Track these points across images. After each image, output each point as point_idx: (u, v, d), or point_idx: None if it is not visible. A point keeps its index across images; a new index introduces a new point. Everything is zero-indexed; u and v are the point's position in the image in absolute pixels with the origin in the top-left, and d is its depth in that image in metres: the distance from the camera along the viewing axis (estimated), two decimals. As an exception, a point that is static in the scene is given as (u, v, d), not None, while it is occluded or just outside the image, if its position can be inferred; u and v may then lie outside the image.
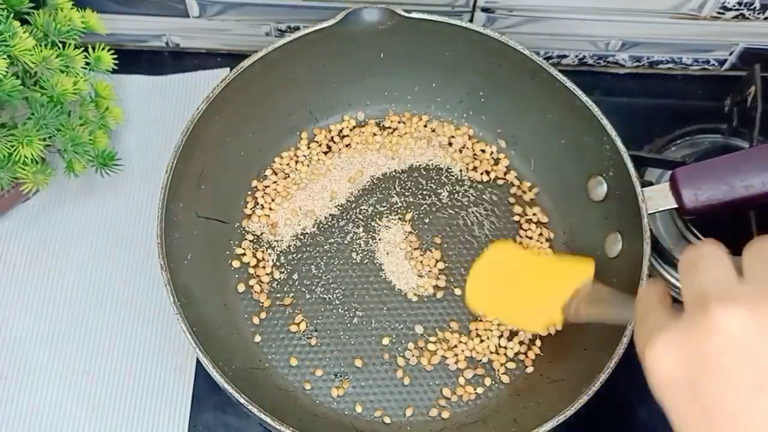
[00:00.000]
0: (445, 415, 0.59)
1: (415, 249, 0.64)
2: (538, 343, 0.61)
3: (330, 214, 0.66)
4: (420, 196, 0.66)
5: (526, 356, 0.61)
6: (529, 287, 0.54)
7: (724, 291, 0.31)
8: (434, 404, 0.59)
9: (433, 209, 0.66)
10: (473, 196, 0.67)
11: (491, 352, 0.61)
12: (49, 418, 0.59)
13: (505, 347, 0.61)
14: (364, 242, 0.65)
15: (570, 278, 0.49)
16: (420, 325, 0.62)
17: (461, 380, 0.60)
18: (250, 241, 0.64)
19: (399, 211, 0.66)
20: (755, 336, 0.28)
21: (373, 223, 0.65)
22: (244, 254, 0.63)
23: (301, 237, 0.65)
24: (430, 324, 0.62)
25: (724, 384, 0.28)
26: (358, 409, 0.59)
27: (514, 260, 0.57)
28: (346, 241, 0.64)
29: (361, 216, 0.65)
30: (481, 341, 0.61)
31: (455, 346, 0.61)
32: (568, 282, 0.49)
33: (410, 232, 0.65)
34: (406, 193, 0.66)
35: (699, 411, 0.29)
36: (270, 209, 0.65)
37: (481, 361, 0.61)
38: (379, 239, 0.65)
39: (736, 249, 0.64)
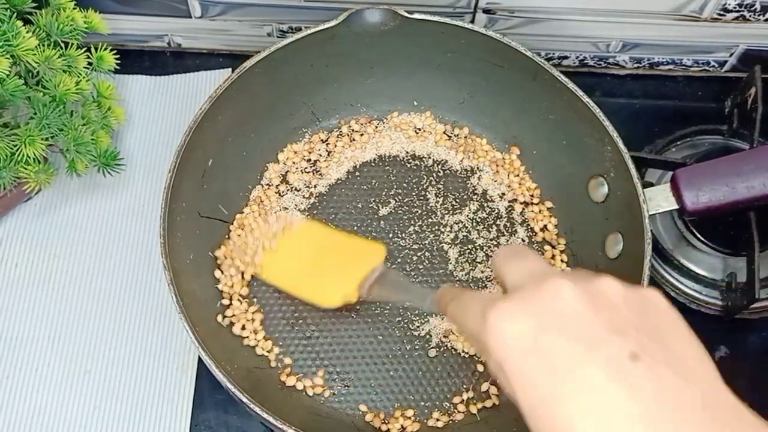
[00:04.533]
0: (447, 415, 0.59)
1: (416, 250, 0.65)
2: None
3: (329, 211, 0.66)
4: (421, 196, 0.67)
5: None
6: (324, 264, 0.57)
7: (559, 271, 0.37)
8: (436, 404, 0.60)
9: (433, 209, 0.66)
10: (474, 195, 0.67)
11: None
12: (51, 417, 0.59)
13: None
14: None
15: (364, 259, 0.54)
16: (422, 325, 0.62)
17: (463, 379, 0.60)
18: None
19: (402, 209, 0.66)
20: (588, 307, 0.33)
21: (375, 221, 0.65)
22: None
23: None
24: (432, 324, 0.62)
25: (565, 341, 0.32)
26: (361, 408, 0.59)
27: (311, 238, 0.60)
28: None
29: (361, 213, 0.66)
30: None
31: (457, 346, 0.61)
32: (361, 262, 0.54)
33: (412, 231, 0.65)
34: (409, 193, 0.67)
35: (541, 364, 0.32)
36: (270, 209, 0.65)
37: (482, 360, 0.61)
38: (382, 238, 0.65)
39: (735, 249, 0.65)
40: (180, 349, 0.62)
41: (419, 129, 0.69)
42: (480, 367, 0.60)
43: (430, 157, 0.68)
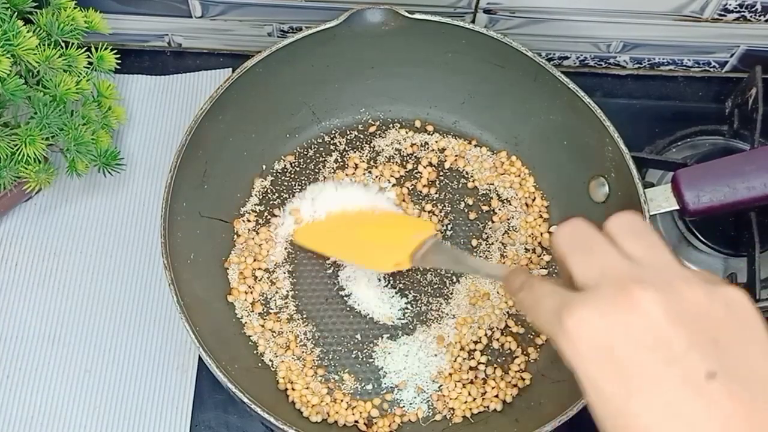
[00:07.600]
0: (448, 415, 0.59)
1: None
2: (539, 342, 0.62)
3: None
4: (420, 196, 0.67)
5: (528, 357, 0.61)
6: (375, 234, 0.61)
7: (636, 275, 0.35)
8: (437, 405, 0.60)
9: (434, 209, 0.66)
10: (474, 195, 0.67)
11: (493, 353, 0.61)
12: (51, 417, 0.59)
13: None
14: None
15: (415, 231, 0.57)
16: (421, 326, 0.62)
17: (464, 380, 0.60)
18: (252, 239, 0.64)
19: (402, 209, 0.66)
20: (669, 320, 0.33)
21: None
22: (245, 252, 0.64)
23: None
24: (431, 325, 0.62)
25: (643, 354, 0.32)
26: (360, 408, 0.59)
27: (356, 215, 0.62)
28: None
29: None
30: (483, 342, 0.61)
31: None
32: (413, 233, 0.56)
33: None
34: (410, 194, 0.67)
35: (617, 375, 0.33)
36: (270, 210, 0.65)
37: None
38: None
39: (736, 250, 0.65)
40: (180, 349, 0.62)
41: (419, 128, 0.69)
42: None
43: (429, 157, 0.68)
